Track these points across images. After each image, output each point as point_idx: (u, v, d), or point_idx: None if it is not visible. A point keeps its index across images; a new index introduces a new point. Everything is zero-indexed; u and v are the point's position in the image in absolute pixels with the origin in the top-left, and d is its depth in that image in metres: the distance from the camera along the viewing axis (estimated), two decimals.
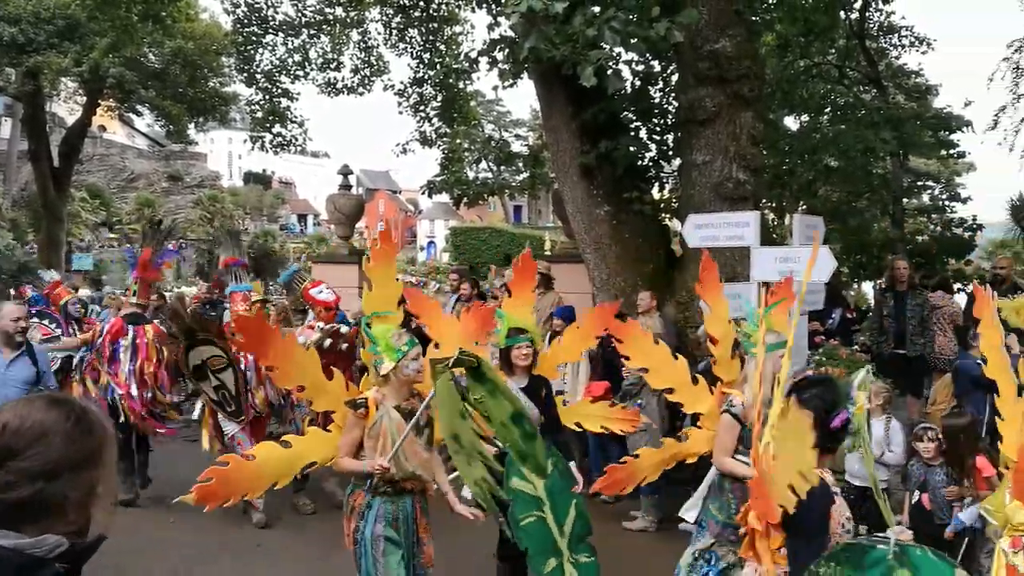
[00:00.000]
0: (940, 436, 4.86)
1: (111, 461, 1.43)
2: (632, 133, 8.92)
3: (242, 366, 6.34)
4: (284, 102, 14.90)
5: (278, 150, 15.67)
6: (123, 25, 15.23)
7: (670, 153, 9.25)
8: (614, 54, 6.80)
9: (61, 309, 7.79)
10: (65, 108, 27.25)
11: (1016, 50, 14.81)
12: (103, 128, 41.34)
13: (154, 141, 46.42)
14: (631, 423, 4.98)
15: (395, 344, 3.70)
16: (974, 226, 17.50)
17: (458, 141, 14.32)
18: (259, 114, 15.09)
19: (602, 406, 5.07)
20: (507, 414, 3.41)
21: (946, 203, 22.53)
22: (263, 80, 14.54)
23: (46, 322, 7.42)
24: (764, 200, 12.85)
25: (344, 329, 6.51)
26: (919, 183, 21.89)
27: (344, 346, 6.40)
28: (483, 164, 15.39)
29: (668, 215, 9.63)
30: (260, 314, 6.04)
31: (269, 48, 14.28)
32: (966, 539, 4.61)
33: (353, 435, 3.73)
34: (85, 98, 22.29)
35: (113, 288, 16.30)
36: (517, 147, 19.75)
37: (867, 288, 21.47)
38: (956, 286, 17.31)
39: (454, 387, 3.41)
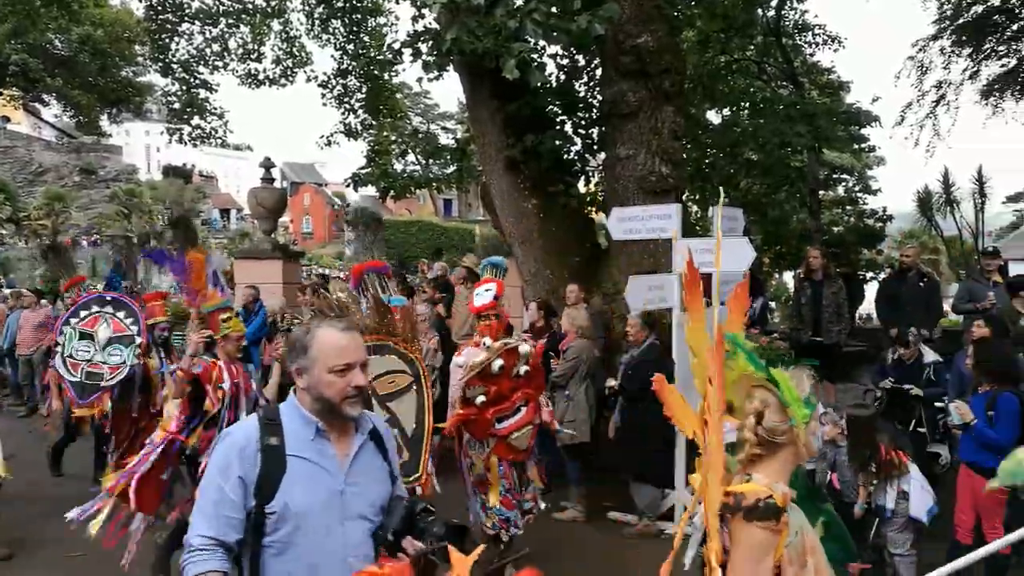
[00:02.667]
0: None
1: None
2: (558, 127, 8.97)
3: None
4: (203, 93, 14.45)
5: (197, 143, 15.21)
6: (25, 9, 14.47)
7: (595, 147, 9.35)
8: (537, 47, 6.83)
9: None
10: None
11: (920, 49, 15.52)
12: (7, 119, 39.23)
13: (63, 132, 44.28)
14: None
15: (800, 392, 2.24)
16: (884, 217, 18.37)
17: (385, 134, 14.14)
18: (176, 105, 14.59)
19: None
20: None
21: (859, 195, 23.60)
22: (180, 70, 14.05)
23: None
24: (687, 193, 13.15)
25: (525, 348, 4.70)
26: (834, 176, 22.82)
27: (524, 369, 4.71)
28: (410, 157, 15.26)
29: (594, 208, 9.73)
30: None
31: (185, 37, 13.81)
32: (876, 519, 4.82)
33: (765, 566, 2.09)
34: None
35: (20, 287, 15.47)
36: (445, 140, 19.65)
37: (788, 277, 22.26)
38: (868, 274, 18.13)
39: None
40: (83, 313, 5.70)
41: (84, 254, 37.40)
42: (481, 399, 4.53)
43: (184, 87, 14.12)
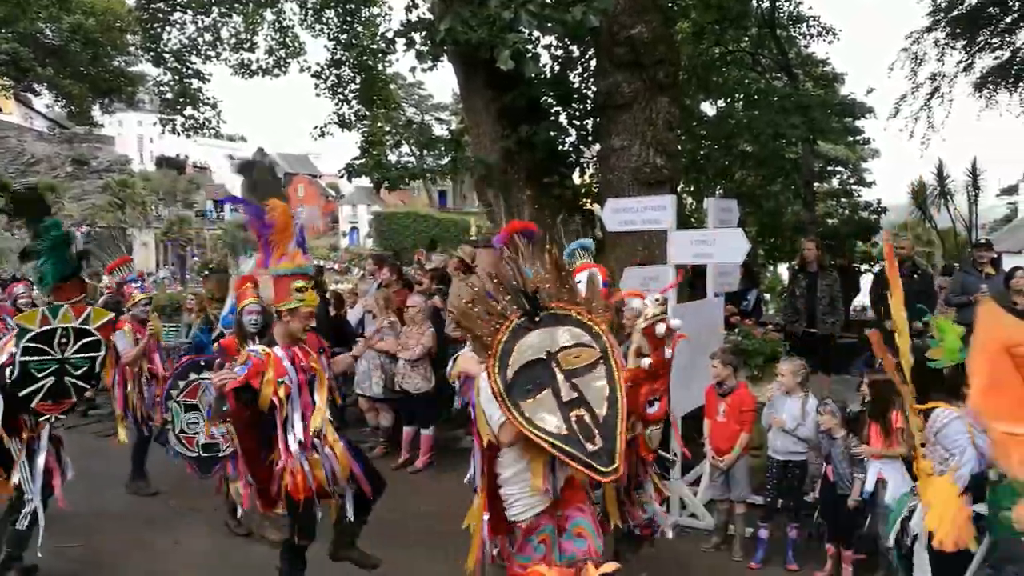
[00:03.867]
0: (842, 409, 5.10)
1: None
2: (552, 118, 8.95)
3: None
4: (195, 83, 14.34)
5: (191, 133, 15.11)
6: None
7: (590, 138, 9.32)
8: (531, 38, 6.80)
9: None
10: None
11: (914, 41, 15.51)
12: None
13: (55, 123, 43.99)
14: None
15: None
16: (879, 209, 18.40)
17: (379, 124, 14.07)
18: (169, 96, 14.48)
19: None
20: None
21: (853, 187, 23.62)
22: (172, 60, 13.93)
23: None
24: (682, 185, 13.14)
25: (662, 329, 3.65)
26: (829, 168, 22.84)
27: (668, 353, 3.76)
28: (404, 148, 15.19)
29: (589, 199, 9.71)
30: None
31: (177, 26, 13.68)
32: (867, 514, 4.83)
33: None
34: None
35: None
36: (439, 131, 19.59)
37: (782, 269, 22.30)
38: (863, 267, 18.16)
39: None
40: (181, 384, 5.20)
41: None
42: (647, 362, 3.60)
43: (176, 77, 14.01)
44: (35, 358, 4.40)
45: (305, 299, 3.90)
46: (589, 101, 9.34)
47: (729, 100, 14.81)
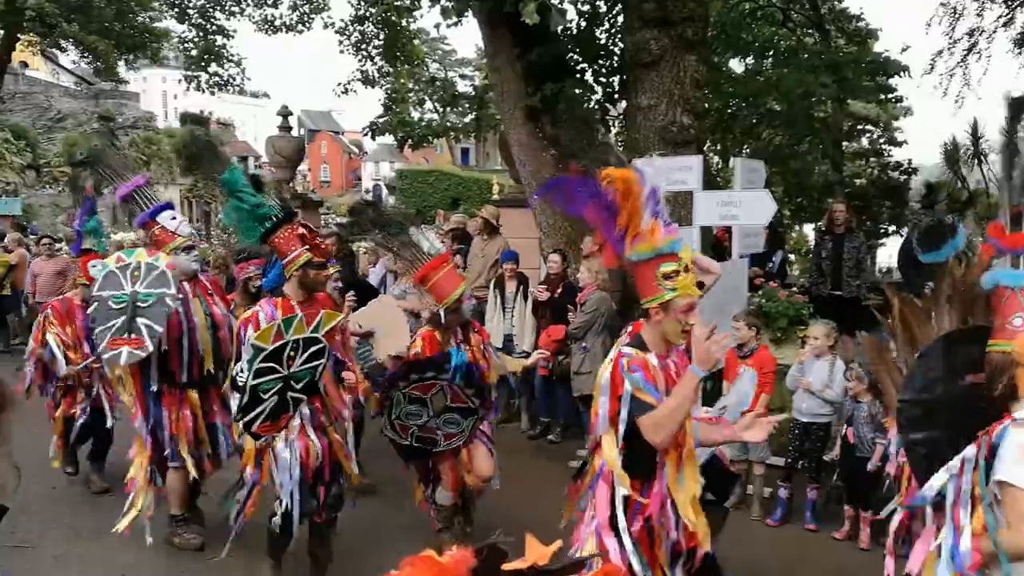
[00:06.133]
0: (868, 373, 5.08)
1: (7, 421, 1.37)
2: (578, 75, 8.84)
3: None
4: (220, 40, 14.33)
5: (215, 90, 15.15)
6: None
7: (616, 96, 9.21)
8: None
9: None
10: None
11: None
12: (24, 64, 39.14)
13: (81, 79, 44.17)
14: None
15: None
16: (909, 170, 18.04)
17: (402, 81, 13.99)
18: (193, 52, 14.50)
19: None
20: None
21: (884, 147, 23.13)
22: (196, 16, 13.91)
23: None
24: (708, 144, 12.97)
25: None
26: (858, 127, 22.35)
27: None
28: (428, 105, 15.11)
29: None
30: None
31: None
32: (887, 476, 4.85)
33: None
34: (2, 32, 20.97)
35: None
36: (463, 87, 19.40)
37: (808, 230, 22.05)
38: (891, 228, 17.84)
39: None
40: (413, 376, 4.24)
41: (105, 201, 37.65)
42: None
43: (201, 34, 14.00)
44: (264, 379, 3.60)
45: (679, 287, 2.78)
46: (615, 58, 9.20)
47: (758, 58, 14.51)
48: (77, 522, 5.16)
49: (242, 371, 3.66)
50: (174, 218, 4.71)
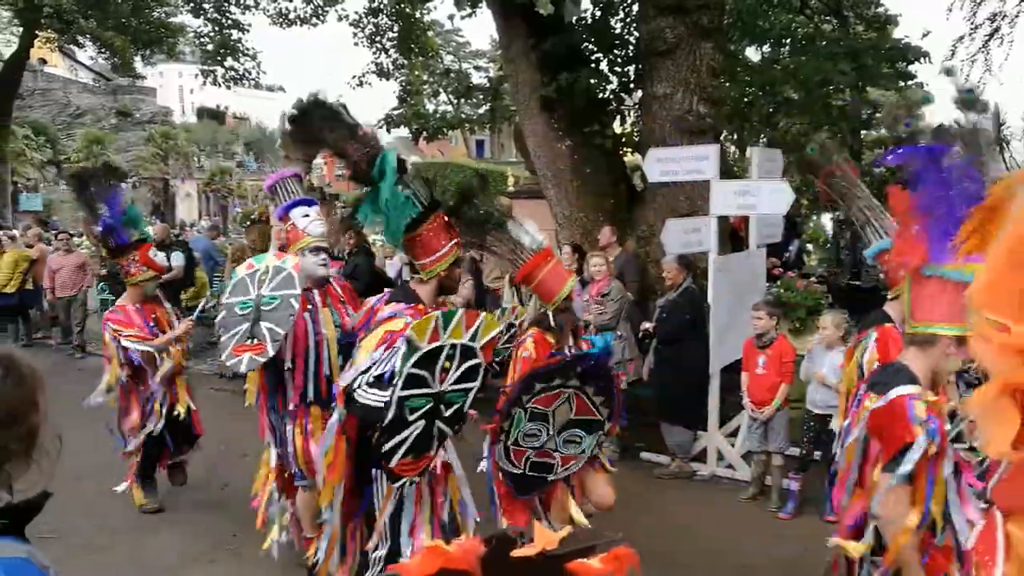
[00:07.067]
0: None
1: (46, 407, 1.39)
2: (593, 65, 8.79)
3: None
4: (235, 34, 14.38)
5: (231, 84, 15.22)
6: None
7: (631, 85, 9.15)
8: None
9: None
10: (1, 39, 25.90)
11: None
12: (43, 61, 39.50)
13: (99, 75, 44.52)
14: None
15: None
16: None
17: (416, 73, 13.98)
18: (209, 47, 14.56)
19: None
20: None
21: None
22: (211, 11, 13.97)
23: None
24: (724, 133, 12.86)
25: None
26: (877, 115, 22.06)
27: None
28: (442, 97, 15.10)
29: (630, 149, 9.58)
30: None
31: None
32: None
33: None
34: (21, 29, 21.19)
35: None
36: (477, 79, 19.36)
37: (825, 219, 21.81)
38: None
39: None
40: (538, 386, 3.41)
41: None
42: None
43: (216, 28, 14.06)
44: (413, 391, 2.73)
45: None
46: (631, 47, 9.14)
47: (775, 45, 14.35)
48: (104, 513, 5.23)
49: (359, 386, 2.89)
50: (306, 215, 4.30)
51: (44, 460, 1.36)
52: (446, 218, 3.43)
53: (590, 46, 8.98)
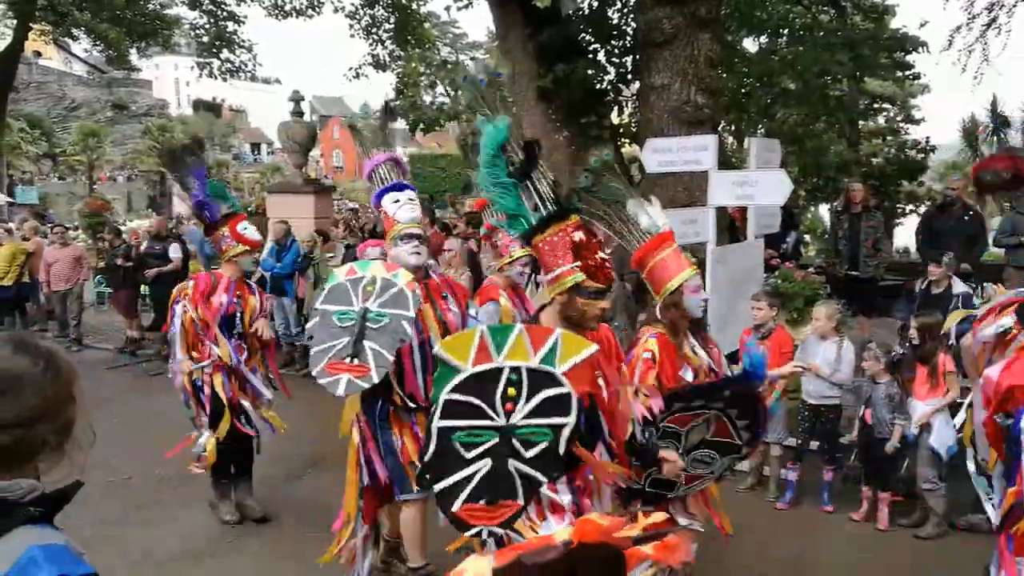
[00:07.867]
0: (889, 351, 5.05)
1: (83, 399, 1.42)
2: (590, 56, 8.77)
3: None
4: (231, 26, 14.33)
5: (227, 77, 15.18)
6: None
7: (629, 76, 9.13)
8: None
9: None
10: None
11: None
12: (38, 54, 39.33)
13: (94, 67, 44.36)
14: None
15: None
16: (927, 148, 17.79)
17: (413, 65, 13.95)
18: (205, 39, 14.51)
19: None
20: None
21: (901, 125, 22.82)
22: (207, 2, 13.90)
23: None
24: (722, 124, 12.84)
25: None
26: (875, 105, 22.05)
27: None
28: (439, 88, 15.06)
29: (628, 139, 9.57)
30: None
31: None
32: (905, 457, 4.85)
33: None
34: (15, 21, 21.05)
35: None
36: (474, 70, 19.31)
37: (823, 210, 21.83)
38: (908, 207, 17.63)
39: None
40: (677, 406, 3.12)
41: (120, 189, 37.93)
42: None
43: (212, 20, 14.00)
44: (464, 423, 2.09)
45: None
46: (628, 38, 9.12)
47: (773, 36, 14.31)
48: (102, 507, 5.23)
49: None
50: (396, 201, 3.80)
51: (76, 452, 1.38)
52: (578, 233, 2.73)
53: (587, 37, 8.96)
